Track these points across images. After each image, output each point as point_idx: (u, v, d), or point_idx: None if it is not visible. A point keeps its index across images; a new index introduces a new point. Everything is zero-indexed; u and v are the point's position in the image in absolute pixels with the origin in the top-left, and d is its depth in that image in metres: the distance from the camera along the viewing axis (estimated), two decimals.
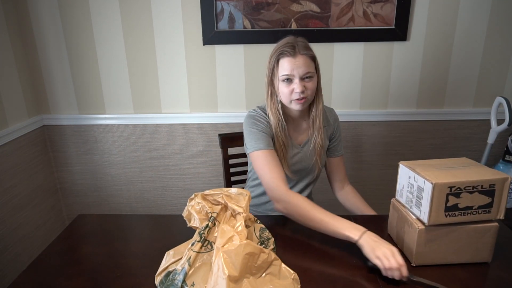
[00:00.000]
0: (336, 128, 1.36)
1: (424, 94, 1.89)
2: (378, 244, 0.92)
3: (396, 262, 0.87)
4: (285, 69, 1.14)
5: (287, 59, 1.14)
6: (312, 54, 1.17)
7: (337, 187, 1.41)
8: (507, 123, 1.61)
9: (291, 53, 1.13)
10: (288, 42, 1.16)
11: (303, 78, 1.15)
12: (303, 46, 1.16)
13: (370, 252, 0.92)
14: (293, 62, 1.13)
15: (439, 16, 1.76)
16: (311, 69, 1.16)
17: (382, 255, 0.89)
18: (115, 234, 1.15)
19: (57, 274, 0.96)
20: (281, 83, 1.16)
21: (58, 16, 1.81)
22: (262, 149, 1.18)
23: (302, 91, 1.14)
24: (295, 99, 1.16)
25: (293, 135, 1.29)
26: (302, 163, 1.29)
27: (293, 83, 1.15)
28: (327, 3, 1.74)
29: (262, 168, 1.16)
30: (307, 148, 1.29)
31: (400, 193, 1.02)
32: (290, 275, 0.83)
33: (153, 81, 1.91)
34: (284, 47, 1.15)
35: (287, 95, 1.16)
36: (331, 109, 1.38)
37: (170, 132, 1.99)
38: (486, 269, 0.93)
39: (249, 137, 1.22)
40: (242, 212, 0.87)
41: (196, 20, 1.80)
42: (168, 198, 2.12)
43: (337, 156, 1.38)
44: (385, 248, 0.90)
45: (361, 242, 0.94)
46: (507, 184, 0.88)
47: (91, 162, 2.06)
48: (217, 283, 0.76)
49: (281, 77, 1.15)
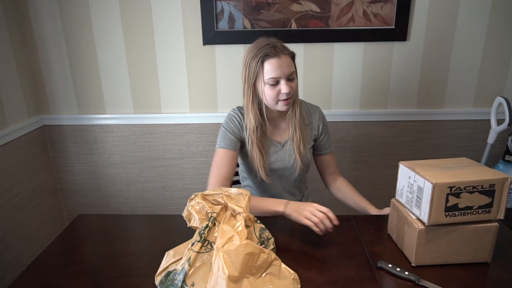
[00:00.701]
0: (322, 126, 1.34)
1: (424, 94, 1.89)
2: (301, 207, 1.04)
3: (321, 213, 1.00)
4: (272, 71, 1.13)
5: (272, 60, 1.13)
6: (292, 52, 1.18)
7: (330, 181, 1.41)
8: (507, 123, 1.61)
9: (275, 54, 1.13)
10: (268, 43, 1.15)
11: (288, 78, 1.15)
12: (283, 46, 1.16)
13: (298, 216, 1.04)
14: (279, 63, 1.13)
15: (439, 16, 1.77)
16: (293, 69, 1.17)
17: (309, 213, 1.02)
18: (115, 234, 1.15)
19: (57, 274, 0.96)
20: (267, 86, 1.15)
21: (58, 16, 1.81)
22: (221, 147, 1.25)
23: (289, 91, 1.14)
24: (282, 99, 1.16)
25: (273, 134, 1.30)
26: (283, 161, 1.29)
27: (279, 84, 1.15)
28: (327, 3, 1.74)
29: (212, 165, 1.25)
30: (287, 147, 1.29)
31: (400, 193, 1.02)
32: (290, 275, 0.83)
33: (153, 81, 1.91)
34: (266, 48, 1.13)
35: (274, 96, 1.16)
36: (315, 107, 1.36)
37: (170, 132, 1.99)
38: (486, 269, 0.93)
39: (218, 134, 1.28)
40: (242, 212, 0.87)
41: (196, 20, 1.80)
42: (168, 198, 2.12)
43: (327, 154, 1.37)
44: (308, 207, 1.03)
45: (288, 212, 1.07)
46: (507, 184, 0.88)
47: (91, 162, 2.06)
48: (217, 283, 0.76)
49: (268, 80, 1.14)
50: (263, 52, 1.13)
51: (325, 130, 1.36)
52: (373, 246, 1.04)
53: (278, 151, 1.29)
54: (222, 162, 1.23)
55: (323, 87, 1.90)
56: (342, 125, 1.95)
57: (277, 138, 1.30)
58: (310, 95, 1.90)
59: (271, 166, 1.29)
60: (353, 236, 1.09)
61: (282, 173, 1.32)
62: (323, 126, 1.35)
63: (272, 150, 1.29)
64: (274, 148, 1.30)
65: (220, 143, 1.25)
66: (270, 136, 1.30)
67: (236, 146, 1.26)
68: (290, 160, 1.29)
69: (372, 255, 1.00)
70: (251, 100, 1.20)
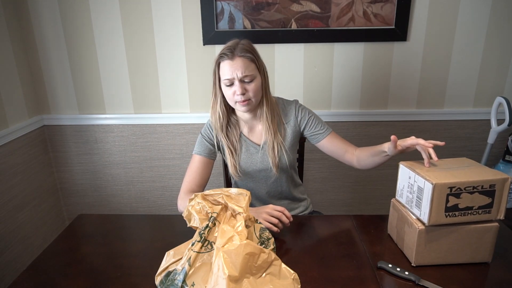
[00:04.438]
0: (302, 117, 1.31)
1: (424, 94, 1.89)
2: (259, 210, 1.09)
3: (277, 212, 1.06)
4: (225, 72, 1.17)
5: (225, 62, 1.16)
6: (251, 56, 1.17)
7: (349, 159, 1.31)
8: (507, 123, 1.61)
9: (229, 56, 1.16)
10: (229, 45, 1.18)
11: (242, 80, 1.16)
12: (241, 48, 1.17)
13: (258, 219, 1.04)
14: (231, 65, 1.15)
15: (439, 16, 1.77)
16: (250, 71, 1.16)
17: (266, 215, 1.06)
18: (115, 234, 1.15)
19: (57, 274, 0.96)
20: (224, 87, 1.19)
21: (59, 16, 1.81)
22: (197, 153, 1.30)
23: (242, 93, 1.16)
24: (238, 101, 1.18)
25: (251, 136, 1.31)
26: (263, 162, 1.30)
27: (234, 85, 1.17)
28: (327, 3, 1.74)
29: (187, 170, 1.30)
30: (266, 148, 1.29)
31: (400, 193, 1.02)
32: (290, 275, 0.83)
33: (153, 81, 1.91)
34: (223, 50, 1.18)
35: (230, 97, 1.19)
36: (291, 102, 1.33)
37: (170, 132, 1.99)
38: (486, 269, 0.93)
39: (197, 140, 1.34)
40: (242, 212, 0.88)
41: (196, 20, 1.80)
42: (168, 198, 2.12)
43: (325, 137, 1.31)
44: (265, 209, 1.08)
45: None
46: (507, 184, 0.88)
47: (91, 162, 2.06)
48: (217, 283, 0.76)
49: (223, 81, 1.18)
50: (220, 54, 1.18)
51: (308, 119, 1.30)
52: (373, 246, 1.04)
53: (257, 153, 1.30)
54: (195, 169, 1.28)
55: (323, 87, 1.90)
56: (342, 125, 1.95)
57: (255, 140, 1.31)
58: (310, 95, 1.90)
59: (251, 168, 1.30)
60: (353, 236, 1.09)
61: (264, 175, 1.32)
62: (302, 116, 1.31)
63: (251, 151, 1.31)
64: (253, 149, 1.31)
65: (196, 149, 1.31)
66: (248, 137, 1.31)
67: (211, 154, 1.30)
68: (269, 162, 1.29)
69: (372, 255, 1.00)
70: (213, 99, 1.25)
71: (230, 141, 1.29)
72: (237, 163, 1.30)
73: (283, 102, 1.33)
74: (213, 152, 1.31)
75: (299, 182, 1.45)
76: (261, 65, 1.21)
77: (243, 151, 1.31)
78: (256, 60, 1.19)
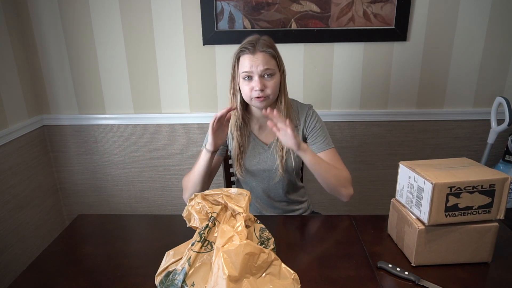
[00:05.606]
0: (310, 125, 1.28)
1: (424, 94, 1.89)
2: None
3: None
4: (245, 66, 1.15)
5: (246, 56, 1.15)
6: (272, 52, 1.17)
7: None
8: (507, 123, 1.61)
9: (250, 50, 1.15)
10: (250, 40, 1.17)
11: (262, 75, 1.15)
12: (263, 43, 1.16)
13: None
14: (252, 59, 1.14)
15: (439, 16, 1.77)
16: (271, 66, 1.16)
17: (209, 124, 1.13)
18: (115, 234, 1.15)
19: (57, 274, 0.96)
20: (242, 81, 1.18)
21: (58, 16, 1.81)
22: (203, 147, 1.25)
23: (261, 88, 1.14)
24: (255, 96, 1.16)
25: (260, 135, 1.30)
26: (268, 162, 1.29)
27: (253, 80, 1.16)
28: (327, 3, 1.74)
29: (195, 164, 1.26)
30: (274, 149, 1.28)
31: (400, 193, 1.02)
32: (290, 275, 0.83)
33: (153, 81, 1.91)
34: (244, 44, 1.17)
35: (248, 92, 1.17)
36: (306, 106, 1.31)
37: (170, 132, 1.99)
38: (486, 269, 0.93)
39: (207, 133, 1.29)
40: (242, 212, 0.87)
41: (196, 20, 1.80)
42: (168, 198, 2.12)
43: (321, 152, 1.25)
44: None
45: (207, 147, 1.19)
46: (507, 184, 0.88)
47: (91, 162, 2.06)
48: (217, 283, 0.76)
49: (242, 74, 1.17)
50: (240, 48, 1.17)
51: (313, 128, 1.28)
52: (373, 246, 1.04)
53: (264, 153, 1.29)
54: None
55: (323, 87, 1.90)
56: (342, 125, 1.95)
57: (263, 139, 1.30)
58: (310, 95, 1.90)
59: (255, 167, 1.29)
60: (353, 236, 1.09)
61: (267, 175, 1.31)
62: (310, 123, 1.28)
63: (258, 151, 1.30)
64: (261, 149, 1.30)
65: (204, 143, 1.28)
66: (257, 136, 1.30)
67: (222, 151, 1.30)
68: (275, 162, 1.28)
69: (372, 255, 1.00)
70: (231, 94, 1.24)
71: (241, 139, 1.28)
72: (243, 161, 1.29)
73: (298, 105, 1.31)
74: (222, 150, 1.31)
75: (300, 185, 1.44)
76: (281, 62, 1.20)
77: (250, 149, 1.30)
78: (276, 56, 1.18)
